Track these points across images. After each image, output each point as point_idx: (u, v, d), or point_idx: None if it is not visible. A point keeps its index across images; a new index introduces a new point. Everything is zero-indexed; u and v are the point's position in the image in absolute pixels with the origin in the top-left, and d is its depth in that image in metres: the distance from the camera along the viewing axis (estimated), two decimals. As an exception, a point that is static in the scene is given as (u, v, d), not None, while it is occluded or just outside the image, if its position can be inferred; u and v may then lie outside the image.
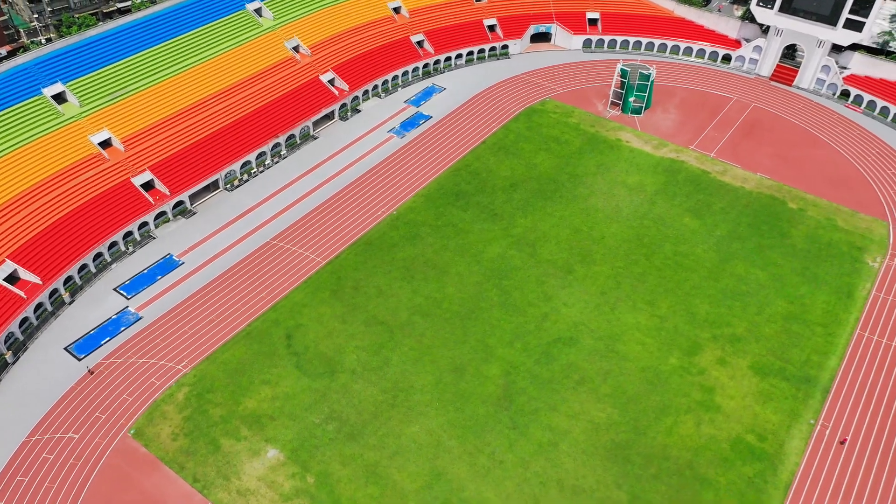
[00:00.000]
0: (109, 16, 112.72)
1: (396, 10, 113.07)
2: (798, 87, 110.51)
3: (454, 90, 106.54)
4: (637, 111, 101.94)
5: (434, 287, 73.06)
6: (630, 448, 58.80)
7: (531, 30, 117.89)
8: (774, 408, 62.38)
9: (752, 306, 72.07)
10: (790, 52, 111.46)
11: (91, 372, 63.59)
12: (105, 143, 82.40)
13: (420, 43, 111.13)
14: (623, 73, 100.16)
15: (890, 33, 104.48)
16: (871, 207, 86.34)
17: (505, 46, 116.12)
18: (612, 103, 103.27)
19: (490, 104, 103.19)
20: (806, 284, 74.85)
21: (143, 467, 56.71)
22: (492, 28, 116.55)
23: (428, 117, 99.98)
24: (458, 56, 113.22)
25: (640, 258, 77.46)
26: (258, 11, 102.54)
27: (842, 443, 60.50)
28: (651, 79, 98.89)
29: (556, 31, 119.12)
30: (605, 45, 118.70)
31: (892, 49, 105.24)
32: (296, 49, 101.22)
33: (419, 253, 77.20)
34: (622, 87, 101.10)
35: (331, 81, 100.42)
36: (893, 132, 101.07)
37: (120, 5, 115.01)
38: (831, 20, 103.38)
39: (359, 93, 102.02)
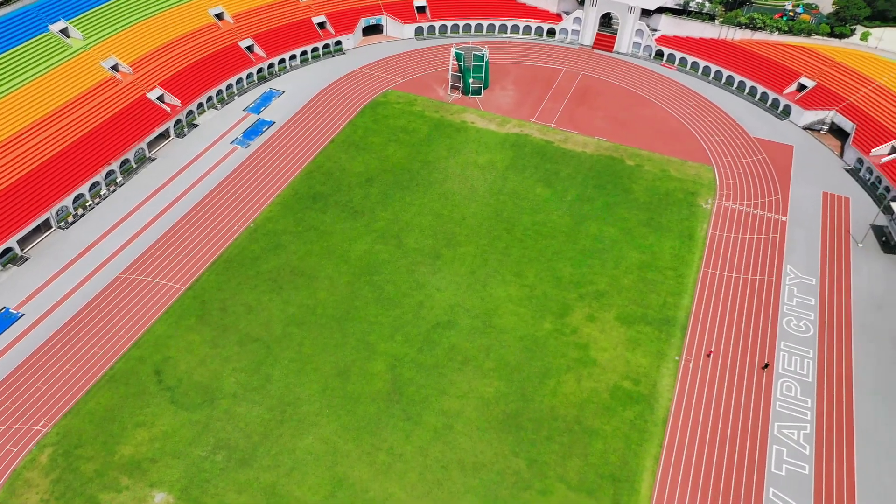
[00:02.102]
0: None
1: (219, 16, 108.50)
2: (618, 53, 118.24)
3: (293, 92, 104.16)
4: (477, 92, 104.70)
5: (305, 294, 71.45)
6: (521, 416, 60.85)
7: (362, 23, 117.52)
8: (643, 352, 66.90)
9: (609, 262, 76.64)
10: (607, 21, 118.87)
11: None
12: None
13: (250, 48, 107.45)
14: (458, 57, 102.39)
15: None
16: (696, 155, 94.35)
17: (338, 42, 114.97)
18: (453, 87, 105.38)
19: (332, 102, 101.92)
20: (653, 234, 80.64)
21: (14, 544, 51.34)
22: (322, 25, 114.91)
23: (270, 123, 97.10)
24: (292, 57, 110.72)
25: (501, 233, 79.94)
26: (64, 32, 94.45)
27: (708, 355, 66.71)
28: (485, 59, 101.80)
29: (387, 22, 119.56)
30: (437, 31, 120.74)
31: (692, 9, 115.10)
32: (115, 68, 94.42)
33: (284, 262, 75.11)
34: (459, 71, 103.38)
35: (160, 98, 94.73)
36: (705, 84, 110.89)
37: None
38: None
39: (192, 106, 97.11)
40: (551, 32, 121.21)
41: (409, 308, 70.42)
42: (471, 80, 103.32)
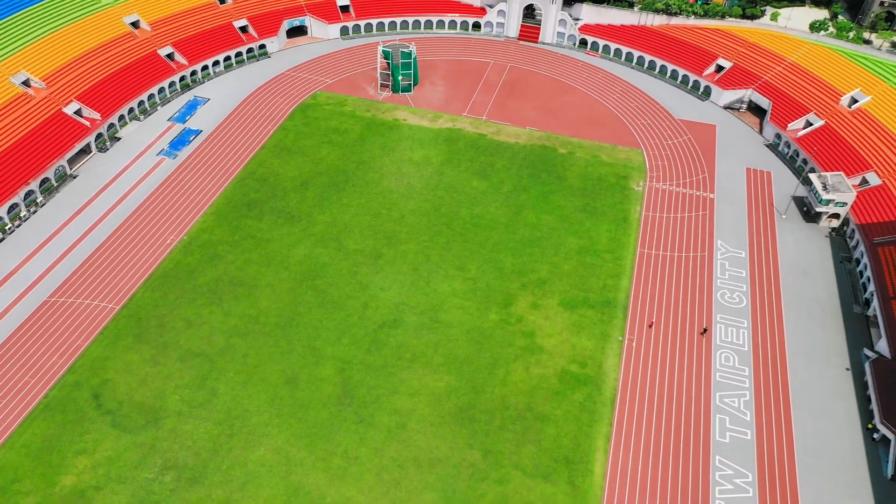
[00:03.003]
0: None
1: (135, 24, 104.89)
2: (543, 43, 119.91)
3: (219, 99, 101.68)
4: (407, 89, 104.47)
5: (246, 304, 69.99)
6: (473, 408, 61.22)
7: (285, 25, 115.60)
8: (587, 335, 68.24)
9: (549, 249, 77.81)
10: (530, 12, 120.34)
11: None
12: None
13: (170, 55, 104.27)
14: (386, 55, 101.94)
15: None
16: (625, 139, 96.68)
17: (262, 46, 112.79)
18: (382, 85, 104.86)
19: (261, 107, 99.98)
20: (589, 219, 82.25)
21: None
22: (244, 29, 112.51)
23: (197, 132, 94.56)
24: (216, 63, 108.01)
25: (441, 228, 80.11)
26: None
27: (650, 326, 69.03)
28: (413, 56, 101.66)
29: (311, 23, 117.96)
30: (362, 29, 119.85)
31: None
32: (26, 83, 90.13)
33: (222, 273, 73.36)
34: (388, 68, 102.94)
35: (77, 112, 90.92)
36: (629, 70, 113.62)
37: None
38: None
39: (114, 119, 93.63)
40: (476, 26, 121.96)
41: (354, 310, 69.86)
42: (400, 78, 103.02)
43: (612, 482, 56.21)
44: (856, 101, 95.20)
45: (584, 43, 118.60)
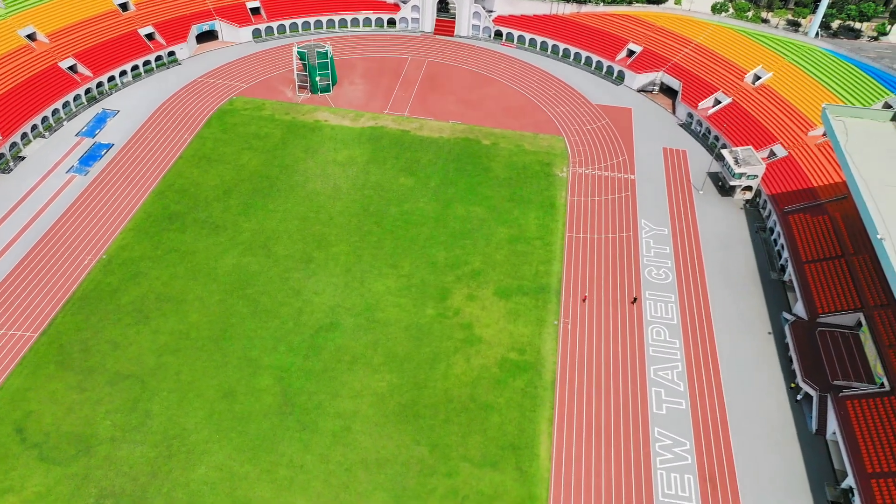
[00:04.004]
0: None
1: (31, 36, 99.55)
2: (459, 37, 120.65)
3: (130, 111, 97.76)
4: (326, 89, 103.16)
5: (175, 320, 67.72)
6: (416, 404, 61.21)
7: (194, 30, 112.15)
8: (524, 321, 69.23)
9: (480, 240, 78.46)
10: (444, 6, 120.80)
11: None
12: None
13: (72, 67, 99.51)
14: (301, 56, 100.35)
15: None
16: (546, 127, 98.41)
17: (171, 53, 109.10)
18: (300, 87, 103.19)
19: (175, 116, 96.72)
20: (517, 207, 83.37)
21: None
22: (150, 36, 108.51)
23: (109, 146, 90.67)
24: (123, 73, 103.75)
25: (371, 227, 79.59)
26: None
27: (584, 300, 71.05)
28: (329, 55, 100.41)
29: (221, 26, 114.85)
30: (275, 31, 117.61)
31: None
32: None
33: (147, 290, 70.71)
34: (305, 70, 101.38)
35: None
36: (545, 59, 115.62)
37: None
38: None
39: (15, 137, 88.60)
40: (391, 22, 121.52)
41: (289, 316, 68.64)
42: (318, 78, 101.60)
43: (557, 463, 57.33)
44: (759, 78, 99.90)
45: (499, 34, 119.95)
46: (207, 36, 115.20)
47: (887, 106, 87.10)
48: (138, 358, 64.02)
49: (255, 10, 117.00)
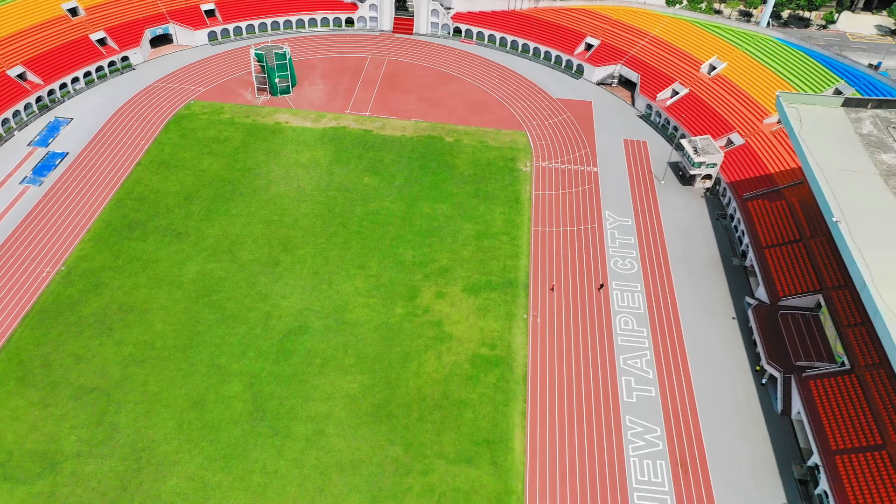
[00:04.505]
0: None
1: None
2: (419, 34, 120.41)
3: (84, 118, 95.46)
4: (286, 91, 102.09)
5: (139, 330, 66.40)
6: (389, 404, 61.03)
7: (147, 34, 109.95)
8: (494, 317, 69.48)
9: (447, 237, 78.49)
10: (402, 4, 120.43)
11: None
12: None
13: (21, 76, 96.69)
14: (259, 58, 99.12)
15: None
16: (509, 123, 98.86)
17: (125, 58, 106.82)
18: (259, 89, 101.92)
19: (131, 122, 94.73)
20: (482, 203, 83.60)
21: None
22: (102, 42, 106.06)
23: (63, 155, 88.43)
24: (75, 80, 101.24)
25: (337, 228, 79.06)
26: None
27: (551, 289, 71.81)
28: (288, 56, 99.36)
29: (176, 30, 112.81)
30: (231, 33, 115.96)
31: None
32: None
33: (109, 301, 69.19)
34: (263, 71, 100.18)
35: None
36: (505, 54, 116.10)
37: None
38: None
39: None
40: (350, 22, 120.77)
41: (257, 321, 67.83)
42: (277, 80, 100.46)
43: (532, 456, 57.70)
44: (714, 68, 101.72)
45: (458, 31, 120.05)
46: (162, 40, 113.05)
47: (838, 92, 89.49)
48: (103, 370, 62.64)
49: (210, 13, 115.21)
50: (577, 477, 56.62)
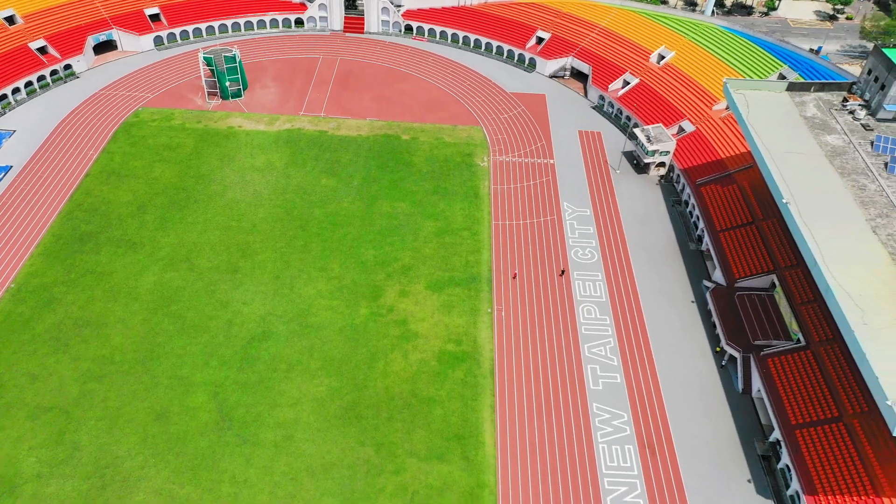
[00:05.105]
0: None
1: None
2: (369, 33, 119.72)
3: (27, 130, 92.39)
4: (237, 94, 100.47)
5: (97, 345, 64.73)
6: (358, 405, 60.71)
7: (90, 41, 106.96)
8: (458, 312, 69.64)
9: (408, 235, 78.34)
10: (352, 3, 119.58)
11: None
12: None
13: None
14: (208, 62, 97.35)
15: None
16: (464, 118, 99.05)
17: (68, 66, 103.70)
18: (210, 93, 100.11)
19: (77, 132, 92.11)
20: (442, 200, 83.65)
21: None
22: (43, 50, 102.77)
23: (6, 168, 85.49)
24: (15, 91, 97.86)
25: (297, 231, 78.23)
26: None
27: (514, 277, 72.59)
28: (238, 59, 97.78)
29: (120, 36, 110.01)
30: (178, 38, 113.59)
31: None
32: None
33: (63, 317, 67.26)
34: (213, 75, 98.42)
35: None
36: (457, 50, 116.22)
37: None
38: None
39: None
40: (299, 22, 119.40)
41: (218, 330, 66.74)
42: (227, 84, 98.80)
43: (503, 449, 58.05)
44: (663, 58, 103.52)
45: (409, 29, 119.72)
46: (106, 46, 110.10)
47: (782, 77, 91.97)
48: (60, 388, 60.90)
49: (155, 17, 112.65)
50: (548, 466, 57.17)
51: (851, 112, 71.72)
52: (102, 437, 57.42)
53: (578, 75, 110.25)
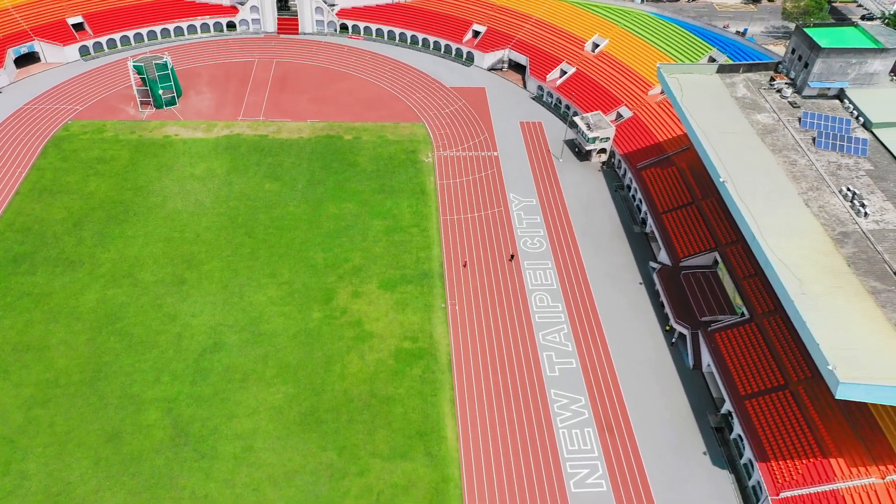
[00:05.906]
0: None
1: None
2: (304, 34, 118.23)
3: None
4: (171, 102, 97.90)
5: (39, 369, 62.29)
6: (317, 410, 60.09)
7: (11, 55, 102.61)
8: (412, 310, 69.56)
9: (357, 236, 77.80)
10: (284, 4, 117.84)
11: None
12: None
13: None
14: (139, 70, 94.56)
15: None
16: (406, 115, 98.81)
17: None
18: (142, 102, 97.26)
19: (3, 149, 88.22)
20: (389, 198, 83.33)
21: None
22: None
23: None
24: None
25: (243, 238, 76.81)
26: None
27: (464, 265, 73.59)
28: (170, 66, 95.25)
29: (42, 47, 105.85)
30: (105, 46, 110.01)
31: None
32: None
33: (1, 342, 64.45)
34: (145, 84, 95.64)
35: None
36: (394, 48, 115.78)
37: None
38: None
39: None
40: (231, 26, 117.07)
41: (168, 344, 65.05)
42: (160, 92, 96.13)
43: (465, 442, 58.33)
44: (597, 46, 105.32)
45: (344, 27, 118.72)
46: (28, 59, 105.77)
47: (712, 60, 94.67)
48: (2, 416, 58.40)
49: (79, 26, 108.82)
50: (510, 456, 57.70)
51: (779, 91, 74.35)
52: (52, 463, 55.35)
53: (516, 67, 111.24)
